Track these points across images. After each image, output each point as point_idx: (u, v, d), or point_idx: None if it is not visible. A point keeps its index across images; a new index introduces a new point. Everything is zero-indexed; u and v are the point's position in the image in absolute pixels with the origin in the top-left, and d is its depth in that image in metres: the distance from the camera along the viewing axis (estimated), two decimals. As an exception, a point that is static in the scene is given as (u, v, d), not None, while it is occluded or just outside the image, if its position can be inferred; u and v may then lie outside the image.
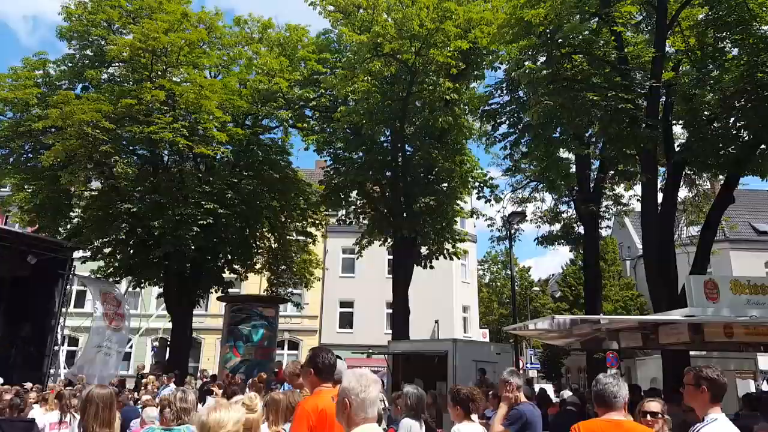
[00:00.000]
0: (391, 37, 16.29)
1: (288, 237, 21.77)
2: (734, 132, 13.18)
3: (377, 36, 16.18)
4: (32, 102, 17.40)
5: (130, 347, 28.15)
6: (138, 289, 20.91)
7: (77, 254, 18.79)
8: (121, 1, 18.21)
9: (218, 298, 21.46)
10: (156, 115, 16.79)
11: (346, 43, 19.32)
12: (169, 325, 20.76)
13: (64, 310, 16.84)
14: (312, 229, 22.20)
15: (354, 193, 20.42)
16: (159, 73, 17.84)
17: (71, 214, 19.39)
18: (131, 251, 18.51)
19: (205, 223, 16.68)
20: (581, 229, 18.01)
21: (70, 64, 18.78)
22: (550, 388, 23.38)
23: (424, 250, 20.01)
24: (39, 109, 17.32)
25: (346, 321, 34.03)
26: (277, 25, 21.30)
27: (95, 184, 19.54)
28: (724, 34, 13.38)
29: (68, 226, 19.30)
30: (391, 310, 22.02)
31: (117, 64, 18.63)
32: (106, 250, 18.99)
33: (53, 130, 16.87)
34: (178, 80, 18.51)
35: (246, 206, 18.24)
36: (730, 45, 13.71)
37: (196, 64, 18.89)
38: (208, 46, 20.10)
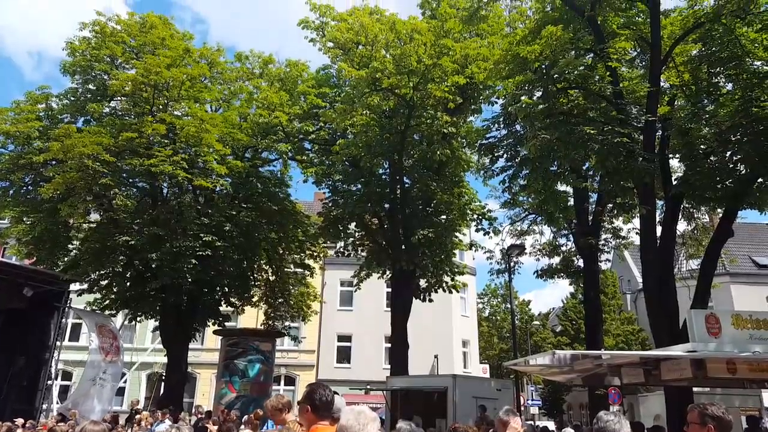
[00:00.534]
0: (389, 72, 16.54)
1: (286, 269, 21.68)
2: (731, 166, 13.22)
3: (376, 71, 16.43)
4: (34, 135, 17.55)
5: (124, 382, 27.69)
6: (134, 323, 20.67)
7: (74, 287, 18.67)
8: (125, 37, 18.55)
9: (215, 332, 21.22)
10: (156, 148, 16.91)
11: (346, 78, 19.60)
12: (165, 360, 20.45)
13: (58, 343, 16.63)
14: (310, 262, 22.11)
15: (352, 225, 20.42)
16: (160, 106, 18.05)
17: (69, 246, 19.33)
18: (128, 283, 18.39)
19: (202, 255, 16.63)
20: (581, 263, 17.94)
21: (72, 98, 19.01)
22: (551, 425, 22.91)
23: (423, 282, 19.89)
24: (40, 142, 17.45)
25: (343, 355, 33.57)
26: (278, 60, 21.69)
27: (94, 216, 19.55)
28: (717, 69, 13.58)
29: (66, 259, 19.21)
30: (389, 345, 21.75)
31: (119, 98, 18.85)
32: (103, 283, 18.86)
33: (54, 162, 16.96)
34: (179, 114, 18.71)
35: (244, 238, 18.20)
36: (724, 80, 13.91)
37: (198, 98, 19.13)
38: (210, 80, 20.40)
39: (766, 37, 12.32)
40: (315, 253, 22.03)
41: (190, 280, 16.62)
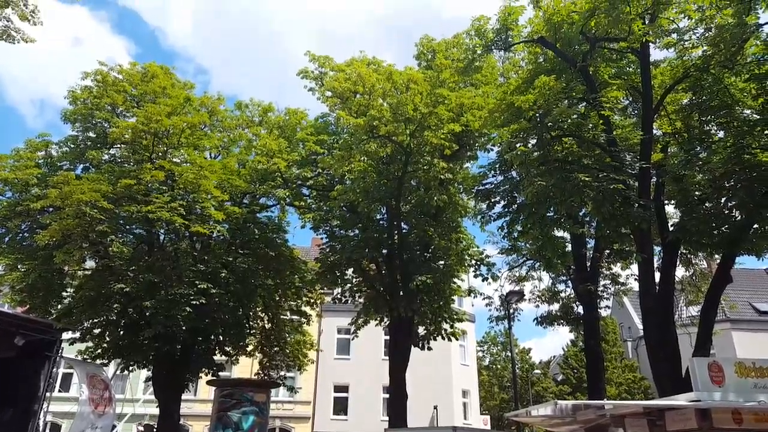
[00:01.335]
0: (386, 120, 16.81)
1: (282, 317, 21.39)
2: (726, 212, 13.30)
3: (373, 119, 16.70)
4: (32, 182, 17.63)
5: (115, 434, 26.85)
6: (126, 372, 20.21)
7: (66, 335, 18.32)
8: (126, 86, 18.90)
9: (208, 382, 20.69)
10: (154, 194, 16.96)
11: (344, 126, 19.89)
12: (157, 411, 19.90)
13: (48, 394, 16.18)
14: (307, 309, 21.85)
15: (350, 271, 20.29)
16: (159, 154, 18.22)
17: (63, 294, 19.10)
18: (121, 332, 18.08)
19: (197, 303, 16.42)
20: (580, 309, 17.76)
21: (72, 146, 19.19)
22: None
23: (421, 330, 19.62)
24: (38, 189, 17.51)
25: (340, 407, 32.70)
26: (278, 108, 22.07)
27: (89, 264, 19.39)
28: (708, 117, 13.84)
29: (59, 307, 18.94)
30: (388, 395, 21.25)
31: (119, 145, 19.03)
32: (96, 331, 18.54)
33: (51, 209, 16.97)
34: (178, 161, 18.88)
35: (240, 285, 18.05)
36: (715, 128, 14.15)
37: (197, 145, 19.34)
38: (210, 128, 20.68)
39: (754, 86, 12.60)
40: (312, 300, 21.80)
41: (184, 328, 16.37)
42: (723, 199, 13.51)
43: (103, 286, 17.40)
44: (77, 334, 18.56)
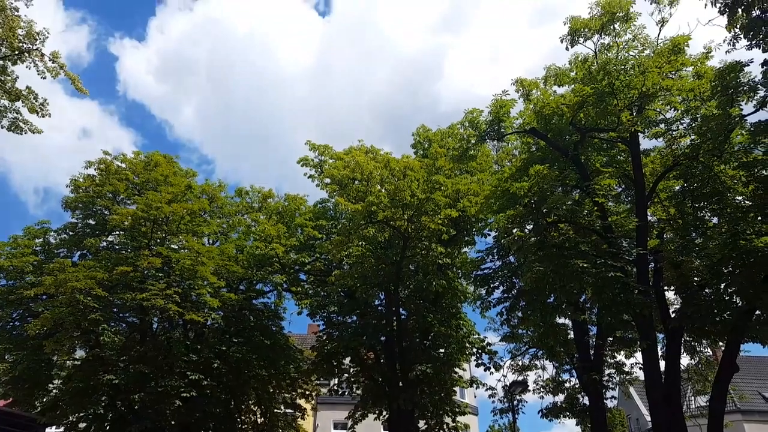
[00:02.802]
0: (384, 205, 17.02)
1: (275, 410, 20.50)
2: (727, 298, 13.12)
3: (371, 205, 16.91)
4: (27, 269, 17.53)
5: None
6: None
7: (50, 430, 17.52)
8: (129, 174, 19.26)
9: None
10: (150, 281, 16.81)
11: (342, 211, 20.09)
12: None
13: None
14: (302, 401, 21.02)
15: (347, 360, 19.72)
16: (158, 240, 18.25)
17: (50, 385, 18.44)
18: (107, 427, 17.27)
19: (188, 395, 15.82)
20: (586, 400, 17.09)
21: (71, 233, 19.25)
22: None
23: (422, 424, 18.78)
24: (33, 277, 17.38)
25: None
26: (277, 194, 22.43)
27: (79, 353, 18.87)
28: (701, 204, 13.99)
29: (45, 399, 18.25)
30: (387, 495, 20.00)
31: (117, 232, 19.11)
32: (81, 425, 17.71)
33: (44, 297, 16.76)
34: (176, 247, 18.88)
35: (233, 376, 17.49)
36: (709, 214, 14.26)
37: (196, 231, 19.42)
38: (209, 214, 20.87)
39: (743, 174, 12.83)
40: (307, 392, 21.02)
41: (173, 423, 15.68)
42: (722, 285, 13.37)
43: (92, 377, 16.83)
44: (61, 429, 17.73)
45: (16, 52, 12.48)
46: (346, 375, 19.78)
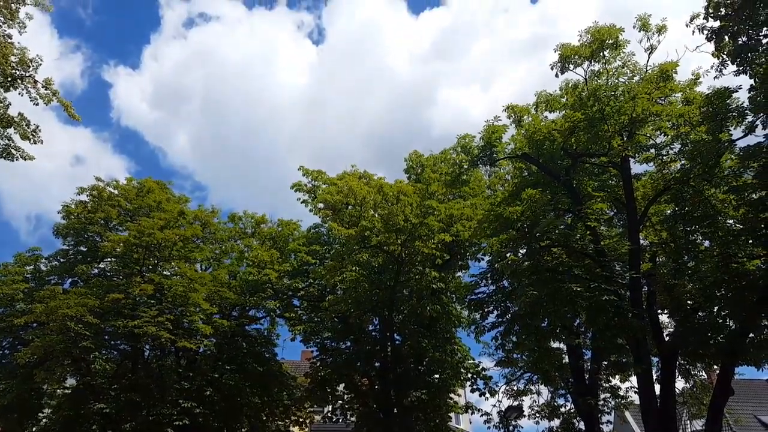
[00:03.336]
0: (377, 230, 17.03)
1: (268, 439, 20.19)
2: (720, 321, 13.15)
3: (365, 229, 16.92)
4: (18, 297, 17.35)
5: None
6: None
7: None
8: (121, 201, 19.22)
9: None
10: (142, 308, 16.67)
11: (335, 236, 20.08)
12: None
13: None
14: (295, 429, 20.71)
15: (341, 387, 19.51)
16: (150, 267, 18.15)
17: (40, 414, 18.12)
18: (97, 457, 16.97)
19: (180, 424, 15.58)
20: (582, 425, 16.96)
21: (62, 260, 19.12)
22: None
23: (417, 452, 18.52)
24: (23, 304, 17.21)
25: None
26: (271, 220, 22.41)
27: (70, 381, 18.59)
28: (693, 227, 14.08)
29: (34, 428, 17.91)
30: None
31: (109, 258, 18.99)
32: (71, 456, 17.37)
33: (35, 325, 16.56)
34: (169, 273, 18.77)
35: (226, 403, 17.26)
36: (701, 237, 14.36)
37: (189, 257, 19.33)
38: (202, 240, 20.78)
39: (734, 198, 12.96)
40: (301, 419, 20.72)
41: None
42: (716, 308, 13.41)
43: (83, 405, 16.58)
44: (50, 460, 17.37)
45: (9, 79, 12.51)
46: (340, 402, 19.52)
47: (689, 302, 14.01)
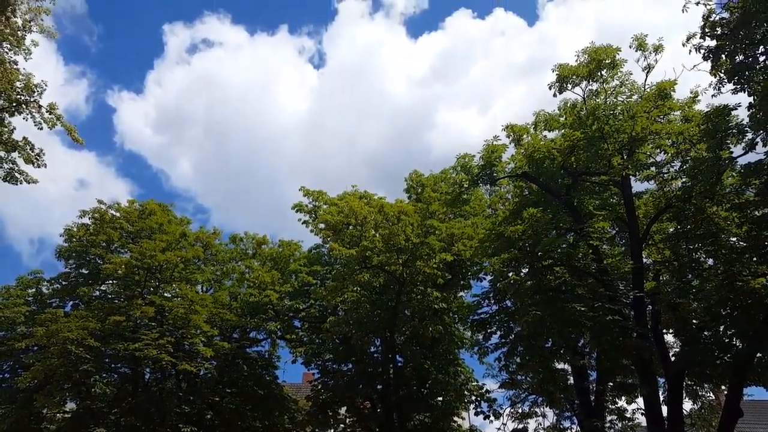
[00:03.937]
0: (378, 250, 16.97)
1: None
2: (726, 340, 12.95)
3: (366, 249, 16.87)
4: (19, 320, 17.29)
5: None
6: None
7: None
8: (123, 223, 19.24)
9: None
10: (143, 330, 16.58)
11: (336, 257, 20.00)
12: None
13: None
14: (296, 454, 20.38)
15: (343, 410, 19.25)
16: (151, 288, 18.09)
17: (38, 439, 17.90)
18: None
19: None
20: (588, 448, 16.62)
21: (64, 282, 19.08)
22: None
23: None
24: (24, 327, 17.13)
25: None
26: (272, 241, 22.39)
27: (70, 405, 18.42)
28: (696, 245, 13.95)
29: (32, 454, 17.67)
30: None
31: (111, 281, 18.94)
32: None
33: (36, 348, 16.47)
34: (170, 295, 18.70)
35: (226, 427, 17.05)
36: (704, 255, 14.22)
37: (190, 279, 19.28)
38: (203, 262, 20.75)
39: (736, 215, 12.86)
40: (302, 443, 20.42)
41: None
42: (722, 327, 13.21)
43: (83, 430, 16.36)
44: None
45: (14, 104, 12.66)
46: (342, 425, 19.23)
47: (695, 321, 13.81)
